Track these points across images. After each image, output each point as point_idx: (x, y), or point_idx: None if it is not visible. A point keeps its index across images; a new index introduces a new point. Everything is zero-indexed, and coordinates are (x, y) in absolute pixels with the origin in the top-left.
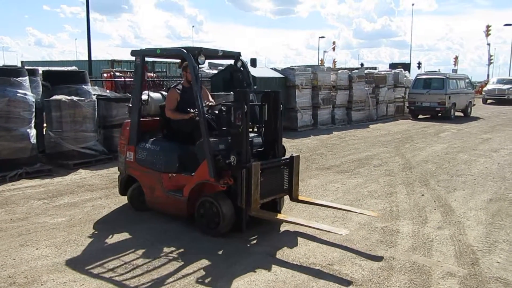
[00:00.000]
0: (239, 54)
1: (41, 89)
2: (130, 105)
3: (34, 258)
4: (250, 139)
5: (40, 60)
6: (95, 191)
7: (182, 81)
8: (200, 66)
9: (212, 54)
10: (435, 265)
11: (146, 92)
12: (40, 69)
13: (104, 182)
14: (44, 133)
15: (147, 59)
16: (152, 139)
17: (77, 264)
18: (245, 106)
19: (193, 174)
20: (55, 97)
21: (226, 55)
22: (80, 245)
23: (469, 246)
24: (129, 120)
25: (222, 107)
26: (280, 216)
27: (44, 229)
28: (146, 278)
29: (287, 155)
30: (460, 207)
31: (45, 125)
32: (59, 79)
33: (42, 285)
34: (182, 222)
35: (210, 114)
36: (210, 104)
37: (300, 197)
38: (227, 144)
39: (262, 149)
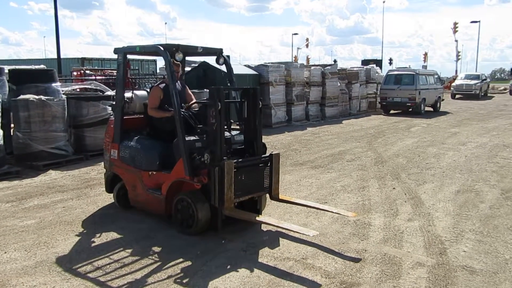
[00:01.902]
0: (221, 50)
1: (7, 89)
2: (114, 102)
3: (2, 261)
4: (228, 136)
5: (6, 59)
6: (66, 192)
7: (166, 79)
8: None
9: (191, 51)
10: (405, 256)
11: (131, 90)
12: (6, 68)
13: (76, 182)
14: (12, 134)
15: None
16: (134, 137)
17: (48, 267)
18: (219, 104)
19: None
20: (23, 96)
21: (207, 51)
22: (51, 247)
23: (438, 236)
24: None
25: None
26: (251, 216)
27: (13, 232)
28: (120, 279)
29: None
30: (429, 199)
31: (12, 125)
32: (27, 78)
33: None
34: (156, 220)
35: (190, 112)
36: (191, 103)
37: (280, 196)
38: (204, 142)
39: (243, 147)
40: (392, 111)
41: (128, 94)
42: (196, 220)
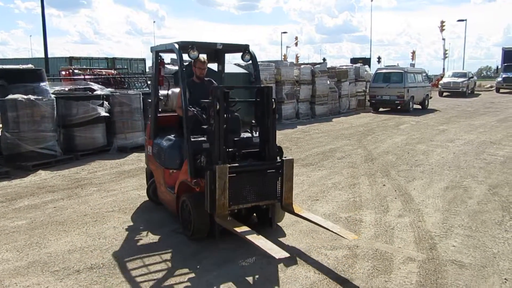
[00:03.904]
0: (247, 46)
1: None
2: (150, 100)
3: None
4: (238, 138)
5: None
6: (56, 192)
7: (193, 77)
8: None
9: (209, 47)
10: (396, 251)
11: (167, 87)
12: None
13: (66, 182)
14: (0, 134)
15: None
16: (164, 135)
17: (40, 267)
18: (217, 104)
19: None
20: (11, 96)
21: (229, 48)
22: (43, 247)
23: (427, 232)
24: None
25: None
26: (240, 229)
27: (4, 233)
28: (113, 277)
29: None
30: (419, 196)
31: (0, 125)
32: (15, 77)
33: None
34: (151, 220)
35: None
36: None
37: (295, 209)
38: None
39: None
40: (381, 109)
41: (163, 92)
42: (192, 224)
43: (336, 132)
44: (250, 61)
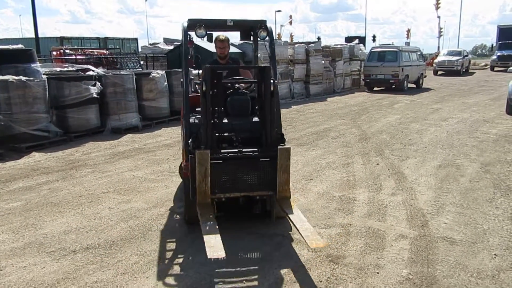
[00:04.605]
0: (263, 22)
1: None
2: (182, 79)
3: None
4: (239, 122)
5: None
6: (51, 174)
7: (216, 57)
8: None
9: (219, 25)
10: (388, 229)
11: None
12: None
13: (60, 164)
14: None
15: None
16: (190, 115)
17: (37, 248)
18: (204, 83)
19: None
20: (2, 77)
21: (241, 25)
22: (39, 228)
23: (420, 209)
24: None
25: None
26: (203, 216)
27: None
28: (109, 258)
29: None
30: (412, 174)
31: None
32: (5, 58)
33: (1, 270)
34: (144, 201)
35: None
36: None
37: (292, 203)
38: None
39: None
40: (375, 88)
41: (195, 71)
42: (184, 202)
43: (330, 111)
44: (267, 38)
